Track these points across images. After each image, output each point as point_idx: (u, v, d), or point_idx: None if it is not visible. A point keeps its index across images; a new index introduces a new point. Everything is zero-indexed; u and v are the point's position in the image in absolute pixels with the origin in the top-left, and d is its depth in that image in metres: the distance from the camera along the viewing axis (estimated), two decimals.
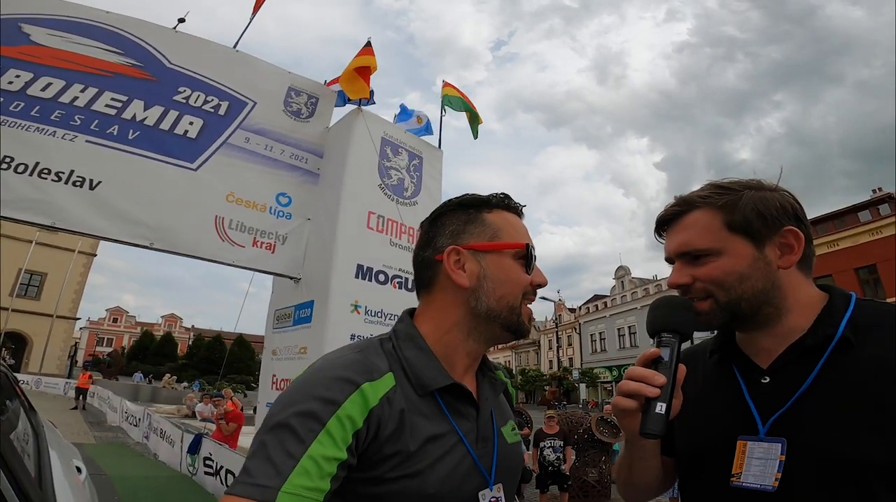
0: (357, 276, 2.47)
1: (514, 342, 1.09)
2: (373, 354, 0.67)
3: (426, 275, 0.74)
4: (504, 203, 0.76)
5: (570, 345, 39.52)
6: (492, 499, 0.69)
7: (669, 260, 0.79)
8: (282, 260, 2.51)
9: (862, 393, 0.63)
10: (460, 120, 3.47)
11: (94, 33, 2.49)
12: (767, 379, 0.72)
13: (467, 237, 0.73)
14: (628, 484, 0.82)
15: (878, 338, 0.66)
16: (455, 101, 3.40)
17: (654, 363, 0.66)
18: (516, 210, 0.78)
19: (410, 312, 0.76)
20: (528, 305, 0.73)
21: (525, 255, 0.72)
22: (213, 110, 2.53)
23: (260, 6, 2.99)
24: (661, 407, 0.61)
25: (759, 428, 0.69)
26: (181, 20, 2.67)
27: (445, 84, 3.48)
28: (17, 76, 2.22)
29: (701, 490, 0.75)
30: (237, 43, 2.80)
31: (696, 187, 0.80)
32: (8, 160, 2.04)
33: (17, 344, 23.16)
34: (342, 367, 0.63)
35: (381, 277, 2.60)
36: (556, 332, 36.83)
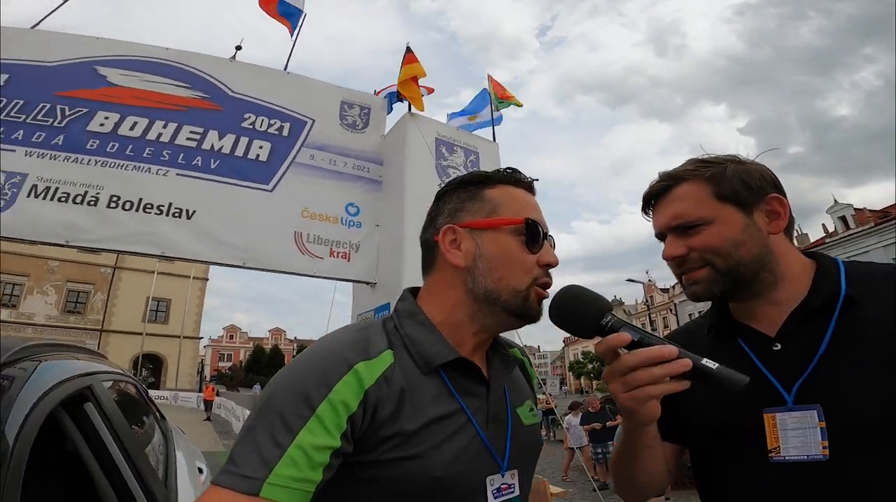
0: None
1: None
2: (373, 333, 0.66)
3: (428, 256, 0.74)
4: (509, 177, 0.74)
5: (666, 327, 39.05)
6: (502, 487, 0.66)
7: (660, 235, 0.81)
8: (357, 267, 2.81)
9: (878, 351, 0.65)
10: (519, 112, 3.72)
11: (162, 70, 2.81)
12: (779, 347, 0.72)
13: (465, 215, 0.71)
14: (632, 478, 0.78)
15: (877, 296, 0.69)
16: (496, 99, 3.64)
17: (632, 348, 0.62)
18: (525, 184, 0.75)
19: (413, 291, 0.75)
20: (542, 289, 0.69)
21: (525, 232, 0.69)
22: (277, 132, 2.83)
23: (293, 29, 3.27)
24: (707, 362, 0.58)
25: (786, 398, 0.69)
26: (238, 48, 2.97)
27: (491, 80, 3.71)
28: (107, 118, 2.56)
29: (732, 471, 0.73)
30: (287, 65, 3.09)
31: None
32: (115, 199, 2.38)
33: (154, 364, 27.54)
34: (338, 346, 0.63)
35: None
36: (649, 315, 36.55)
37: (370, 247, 2.88)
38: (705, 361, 0.58)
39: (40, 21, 3.03)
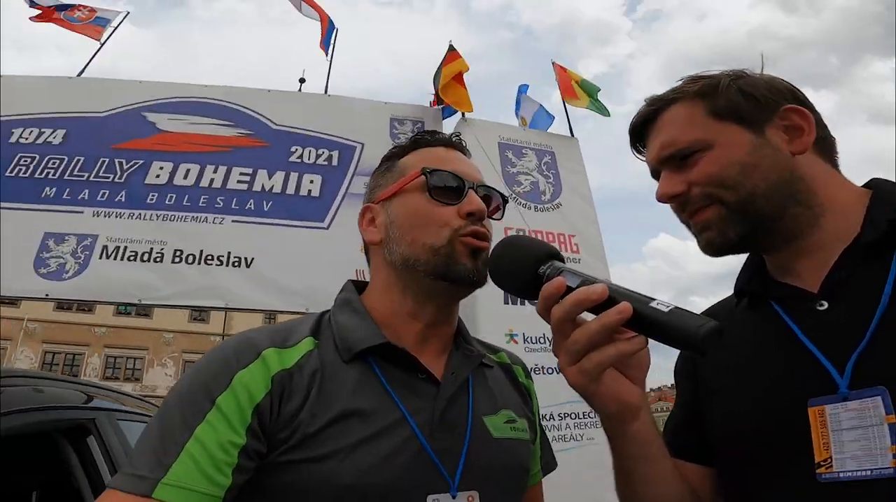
0: (507, 302, 2.68)
1: None
2: (301, 323, 0.65)
3: (365, 244, 0.74)
4: (421, 140, 0.73)
5: None
6: None
7: (655, 172, 0.70)
8: None
9: None
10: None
11: (204, 110, 2.90)
12: (825, 305, 0.57)
13: (378, 190, 0.72)
14: None
15: None
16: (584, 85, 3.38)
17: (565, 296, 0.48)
18: (440, 141, 0.73)
19: (355, 282, 0.74)
20: (474, 238, 0.64)
21: (427, 182, 0.65)
22: (326, 163, 2.84)
23: (327, 49, 3.22)
24: (657, 305, 0.43)
25: (837, 380, 0.52)
26: (302, 80, 3.00)
27: (557, 68, 3.47)
28: (161, 168, 2.69)
29: (767, 498, 0.57)
30: (326, 87, 3.08)
31: None
32: (179, 253, 2.52)
33: None
34: (252, 333, 0.60)
35: None
36: None
37: None
38: (656, 303, 0.43)
39: (85, 67, 3.22)
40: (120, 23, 3.16)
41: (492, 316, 2.63)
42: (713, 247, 0.64)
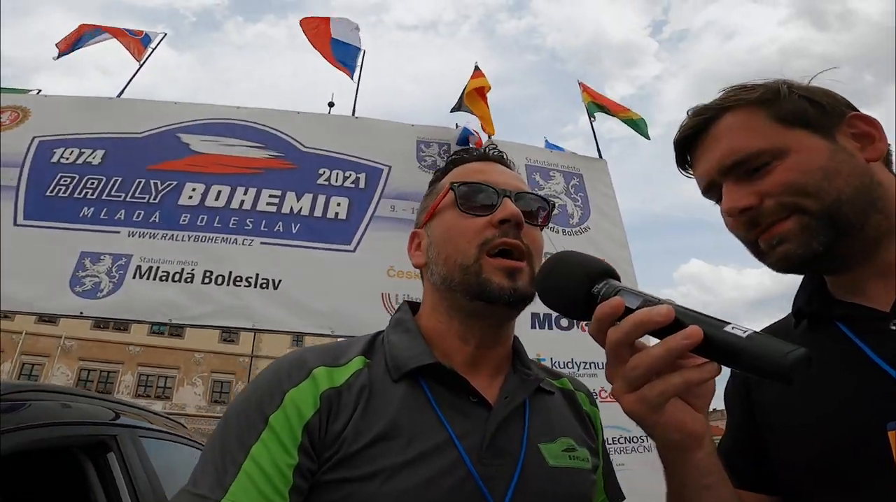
0: (534, 327, 2.69)
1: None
2: (354, 342, 0.66)
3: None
4: (457, 159, 0.74)
5: None
6: None
7: (711, 186, 0.66)
8: None
9: None
10: (655, 128, 3.48)
11: (236, 132, 3.02)
12: None
13: (421, 215, 0.73)
14: None
15: None
16: (594, 106, 3.43)
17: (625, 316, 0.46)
18: (480, 156, 0.74)
19: (410, 303, 0.75)
20: (500, 259, 0.63)
21: (456, 196, 0.66)
22: (353, 185, 2.91)
23: (351, 72, 3.31)
24: (733, 329, 0.40)
25: None
26: (331, 104, 3.11)
27: (583, 88, 3.51)
28: (194, 189, 2.81)
29: None
30: (354, 109, 3.17)
31: None
32: (209, 274, 2.62)
33: None
34: (303, 352, 0.62)
35: (564, 322, 2.76)
36: None
37: None
38: (731, 328, 0.40)
39: (125, 87, 3.40)
40: (158, 43, 3.32)
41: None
42: (791, 261, 0.60)
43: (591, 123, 3.41)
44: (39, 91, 3.32)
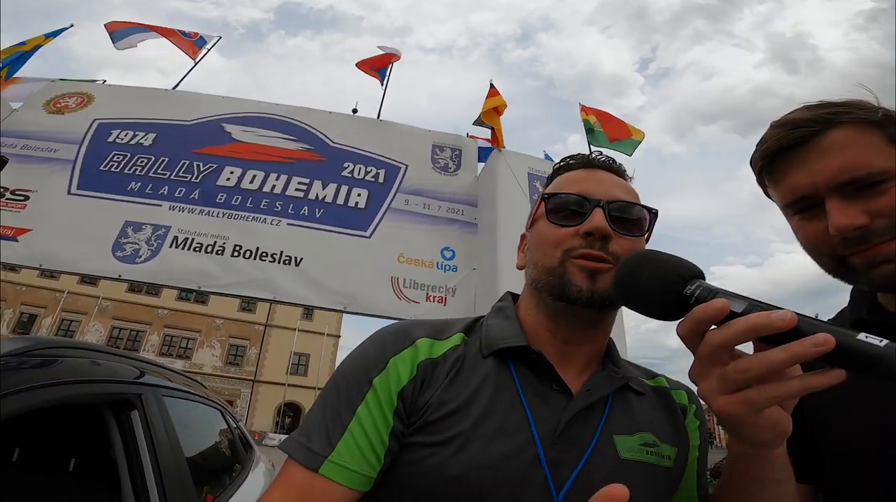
0: None
1: None
2: (457, 320, 0.71)
3: None
4: (564, 165, 0.77)
5: None
6: None
7: (804, 199, 0.67)
8: (454, 311, 3.06)
9: None
10: (635, 152, 3.75)
11: (274, 125, 3.35)
12: None
13: (528, 220, 0.77)
14: None
15: None
16: (595, 133, 3.71)
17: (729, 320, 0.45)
18: (584, 163, 0.75)
19: (512, 294, 0.79)
20: (586, 260, 0.64)
21: (546, 207, 0.70)
22: (373, 179, 3.21)
23: (382, 79, 3.66)
24: (868, 337, 0.41)
25: None
26: (355, 111, 3.44)
27: (583, 108, 3.81)
28: (232, 172, 3.12)
29: None
30: (379, 113, 3.49)
31: None
32: (238, 248, 2.89)
33: (295, 412, 33.35)
34: (410, 323, 0.67)
35: None
36: None
37: (467, 291, 3.11)
38: (864, 336, 0.40)
39: (179, 82, 3.78)
40: (213, 45, 3.72)
41: None
42: (893, 280, 0.61)
43: (589, 140, 3.69)
44: (104, 81, 3.72)
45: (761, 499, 0.56)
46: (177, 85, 3.63)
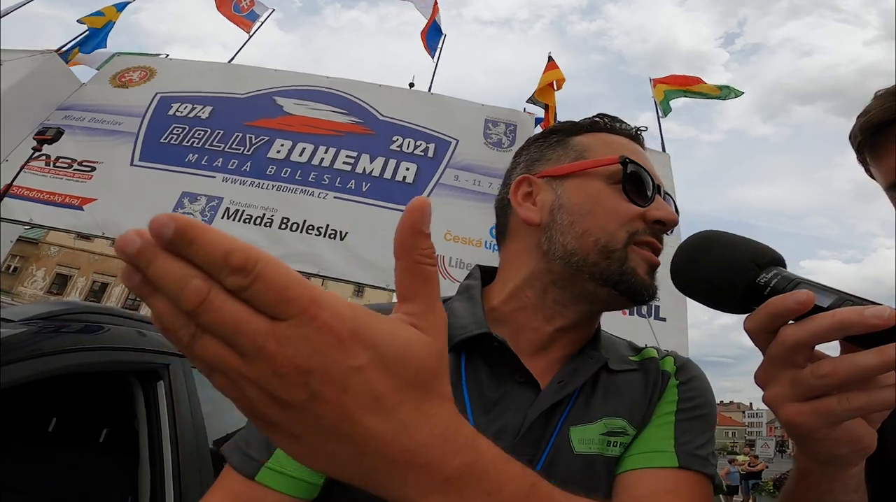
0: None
1: None
2: None
3: (501, 221, 0.66)
4: (603, 124, 0.64)
5: None
6: None
7: None
8: None
9: None
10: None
11: (325, 98, 3.32)
12: None
13: (543, 163, 0.62)
14: None
15: None
16: (674, 93, 3.41)
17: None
18: (624, 131, 0.64)
19: (485, 269, 0.67)
20: (648, 251, 0.56)
21: (623, 175, 0.57)
22: (423, 154, 3.10)
23: (432, 52, 3.54)
24: None
25: None
26: (412, 85, 3.36)
27: (655, 83, 3.52)
28: (282, 145, 3.12)
29: None
30: (430, 86, 3.38)
31: None
32: (285, 220, 2.89)
33: None
34: None
35: (644, 309, 2.78)
36: None
37: None
38: None
39: (234, 55, 3.84)
40: (266, 18, 3.75)
41: None
42: None
43: (659, 119, 3.40)
44: (167, 55, 3.85)
45: None
46: (232, 58, 3.69)
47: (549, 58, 3.36)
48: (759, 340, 0.40)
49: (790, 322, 0.37)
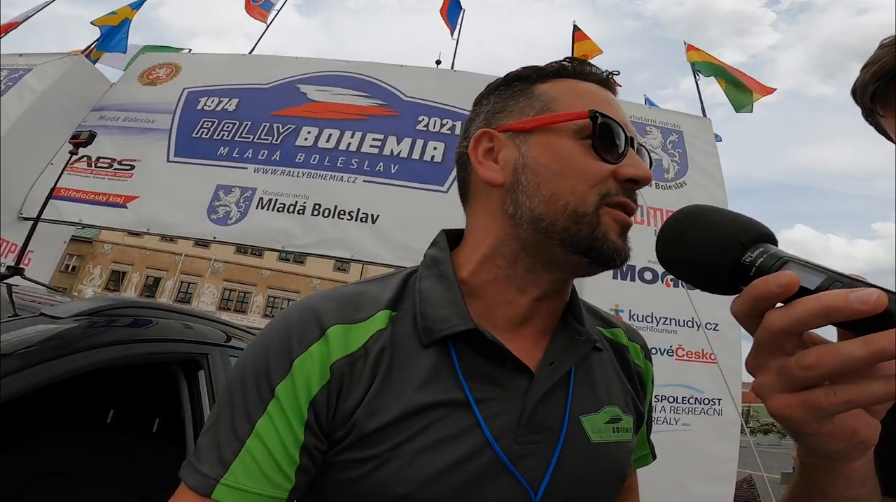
0: (616, 277, 2.67)
1: None
2: (379, 287, 0.55)
3: (462, 178, 0.62)
4: (570, 69, 0.57)
5: None
6: None
7: None
8: None
9: None
10: (777, 95, 3.31)
11: (346, 82, 3.31)
12: None
13: (505, 116, 0.57)
14: None
15: None
16: (705, 66, 3.27)
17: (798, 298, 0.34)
18: (595, 76, 0.57)
19: (453, 233, 0.63)
20: (619, 212, 0.52)
21: (593, 130, 0.52)
22: (449, 132, 3.08)
23: (453, 28, 3.45)
24: None
25: None
26: (438, 62, 3.33)
27: (690, 48, 3.36)
28: (309, 132, 3.15)
29: None
30: (453, 63, 3.32)
31: None
32: (317, 207, 2.94)
33: None
34: (321, 302, 0.52)
35: (648, 275, 2.72)
36: None
37: None
38: None
39: (255, 45, 3.87)
40: (283, 4, 3.75)
41: (598, 289, 2.58)
42: None
43: (696, 82, 3.24)
44: (190, 50, 3.91)
45: None
46: (252, 49, 3.72)
47: (575, 27, 3.23)
48: (746, 325, 0.37)
49: (778, 305, 0.35)
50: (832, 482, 0.43)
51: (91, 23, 4.03)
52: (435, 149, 3.03)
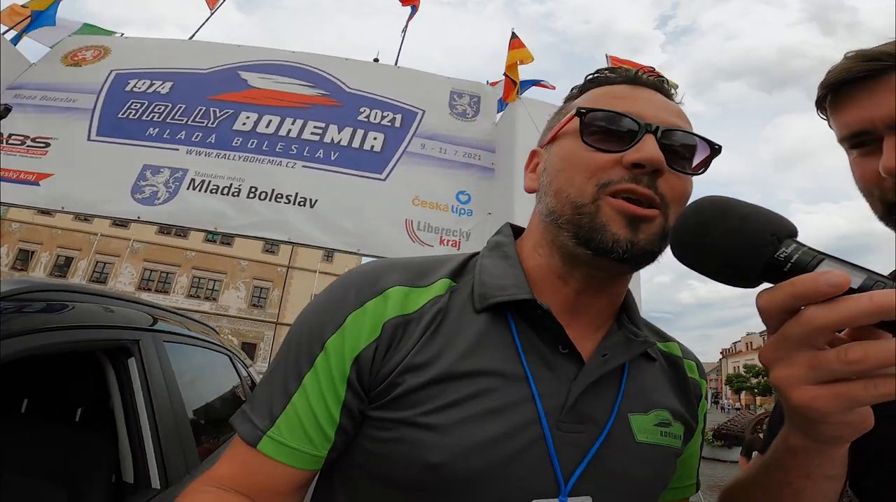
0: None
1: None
2: (443, 261, 0.58)
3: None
4: (602, 77, 0.62)
5: None
6: None
7: (861, 134, 0.63)
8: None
9: None
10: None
11: (291, 72, 3.35)
12: None
13: (545, 133, 0.64)
14: None
15: None
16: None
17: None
18: (628, 78, 0.60)
19: (513, 226, 0.68)
20: (622, 201, 0.52)
21: (580, 124, 0.55)
22: (390, 124, 3.18)
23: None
24: None
25: None
26: (376, 59, 3.44)
27: (613, 60, 3.69)
28: (248, 117, 3.13)
29: None
30: (397, 60, 3.47)
31: None
32: (253, 190, 2.90)
33: None
34: (385, 265, 0.55)
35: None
36: None
37: (481, 236, 3.07)
38: None
39: (196, 31, 3.82)
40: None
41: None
42: None
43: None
44: (122, 34, 3.78)
45: (804, 497, 0.48)
46: (193, 35, 3.67)
47: (513, 34, 3.49)
48: (772, 318, 0.38)
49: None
50: (819, 463, 0.46)
51: (22, 6, 3.81)
52: (375, 139, 3.12)
